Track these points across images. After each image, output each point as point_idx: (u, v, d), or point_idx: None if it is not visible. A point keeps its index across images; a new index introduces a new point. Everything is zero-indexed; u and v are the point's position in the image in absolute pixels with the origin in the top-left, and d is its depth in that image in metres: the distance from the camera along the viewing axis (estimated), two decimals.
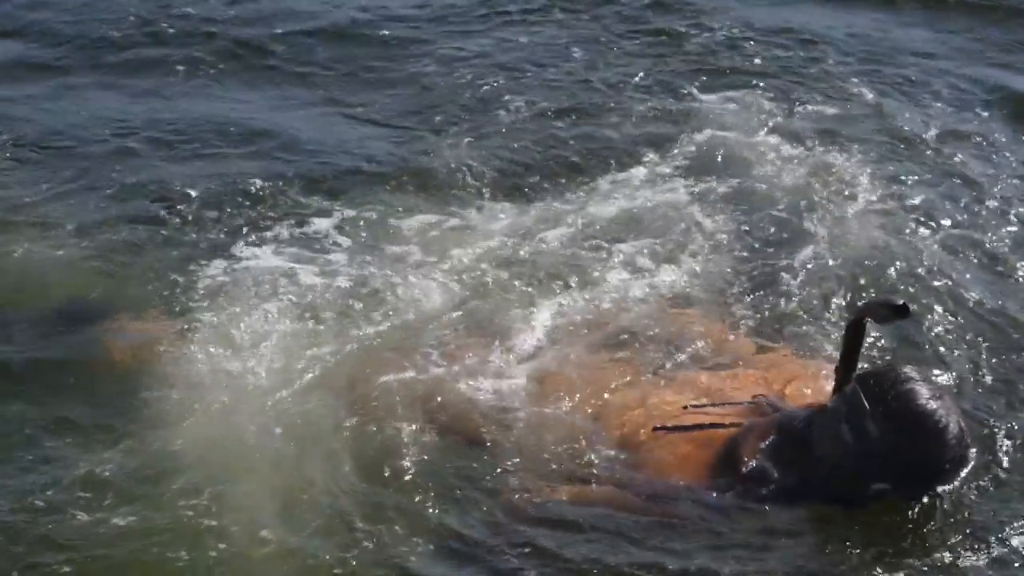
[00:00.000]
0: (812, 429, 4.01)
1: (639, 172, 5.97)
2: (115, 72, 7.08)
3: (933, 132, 6.35)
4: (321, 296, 5.15)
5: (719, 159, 6.04)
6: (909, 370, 4.00)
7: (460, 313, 4.99)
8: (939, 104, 6.63)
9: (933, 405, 3.93)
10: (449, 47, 7.18)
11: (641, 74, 6.85)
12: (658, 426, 4.15)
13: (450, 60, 7.06)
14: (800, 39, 7.26)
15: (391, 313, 5.01)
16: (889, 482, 3.94)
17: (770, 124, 6.36)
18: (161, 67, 7.12)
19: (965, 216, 5.69)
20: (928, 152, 6.20)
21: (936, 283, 5.17)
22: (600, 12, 7.53)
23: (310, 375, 4.71)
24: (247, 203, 5.83)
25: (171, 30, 7.34)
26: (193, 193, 5.89)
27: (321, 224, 5.67)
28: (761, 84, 6.80)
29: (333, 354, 4.80)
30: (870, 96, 6.68)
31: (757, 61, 7.04)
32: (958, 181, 5.96)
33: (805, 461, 4.00)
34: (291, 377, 4.71)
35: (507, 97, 6.64)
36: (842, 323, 4.86)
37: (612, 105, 6.57)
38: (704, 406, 4.18)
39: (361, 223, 5.67)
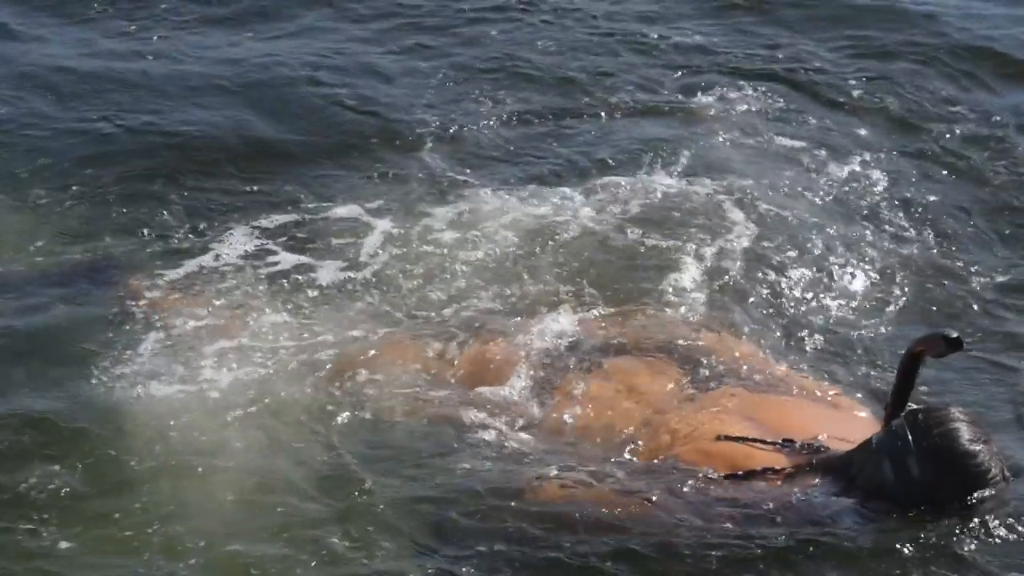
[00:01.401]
0: (853, 464, 3.93)
1: (644, 173, 5.86)
2: (98, 18, 6.93)
3: (948, 134, 6.27)
4: (309, 287, 5.05)
5: (736, 162, 5.94)
6: (958, 411, 3.92)
7: (470, 314, 4.86)
8: (952, 102, 6.55)
9: (976, 448, 3.87)
10: (441, 42, 7.00)
11: (637, 72, 6.74)
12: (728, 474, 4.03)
13: (441, 54, 6.88)
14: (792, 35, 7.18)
15: (395, 310, 4.90)
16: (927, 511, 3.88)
17: (780, 126, 6.31)
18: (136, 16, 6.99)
19: (990, 228, 5.63)
20: (945, 155, 6.13)
21: (974, 307, 5.14)
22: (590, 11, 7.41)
23: (305, 365, 4.60)
24: (232, 190, 5.72)
25: None
26: (176, 173, 5.77)
27: (303, 218, 5.52)
28: (765, 84, 6.70)
29: (329, 345, 4.69)
30: (874, 99, 6.58)
31: (757, 61, 6.94)
32: (976, 188, 5.90)
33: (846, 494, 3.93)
34: (285, 370, 4.58)
35: (497, 95, 6.50)
36: (862, 348, 4.85)
37: (617, 104, 6.46)
38: (739, 439, 4.08)
39: (365, 216, 5.52)
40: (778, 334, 4.87)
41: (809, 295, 5.11)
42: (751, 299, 5.03)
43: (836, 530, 3.90)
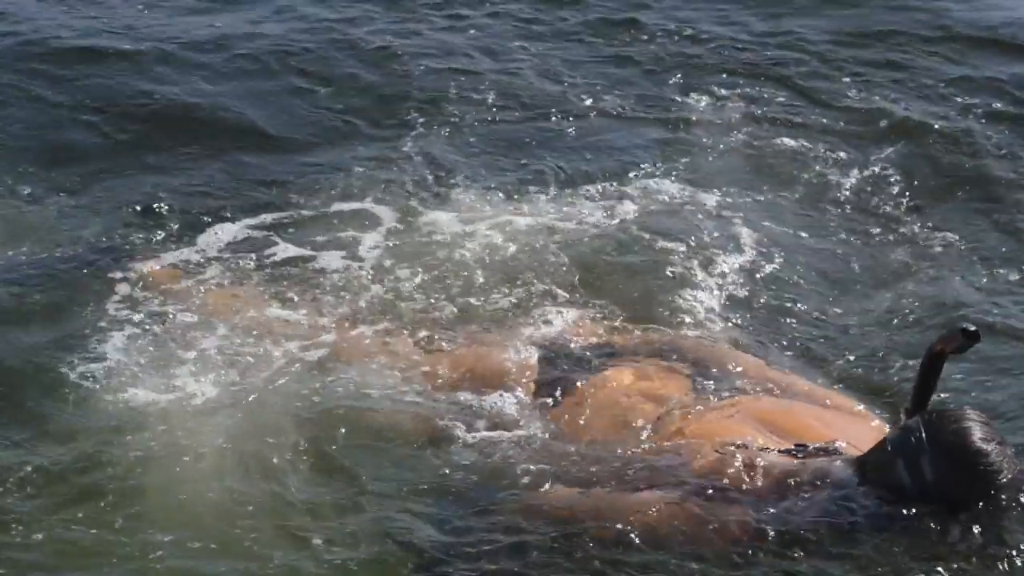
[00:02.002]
0: (867, 464, 3.91)
1: (643, 176, 5.85)
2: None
3: (952, 129, 6.24)
4: (300, 283, 5.02)
5: (736, 162, 5.95)
6: (973, 412, 3.91)
7: (469, 313, 4.84)
8: (956, 95, 6.54)
9: (989, 447, 3.85)
10: (437, 39, 7.01)
11: (632, 76, 6.74)
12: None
13: (435, 51, 6.89)
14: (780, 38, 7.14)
15: (390, 308, 4.86)
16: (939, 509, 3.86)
17: (781, 126, 6.28)
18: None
19: (1002, 223, 5.62)
20: (950, 150, 6.11)
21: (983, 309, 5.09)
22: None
23: (295, 362, 4.56)
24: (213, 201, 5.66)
25: None
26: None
27: (297, 214, 5.50)
28: (762, 82, 6.71)
29: (321, 342, 4.65)
30: (875, 95, 6.56)
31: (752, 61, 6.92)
32: (984, 184, 5.88)
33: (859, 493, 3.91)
34: (274, 366, 4.55)
35: (485, 97, 6.49)
36: (873, 353, 4.83)
37: (615, 107, 6.46)
38: (745, 448, 4.04)
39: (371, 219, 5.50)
40: (784, 339, 4.86)
41: (817, 299, 5.11)
42: (756, 305, 5.03)
43: (847, 529, 3.87)
